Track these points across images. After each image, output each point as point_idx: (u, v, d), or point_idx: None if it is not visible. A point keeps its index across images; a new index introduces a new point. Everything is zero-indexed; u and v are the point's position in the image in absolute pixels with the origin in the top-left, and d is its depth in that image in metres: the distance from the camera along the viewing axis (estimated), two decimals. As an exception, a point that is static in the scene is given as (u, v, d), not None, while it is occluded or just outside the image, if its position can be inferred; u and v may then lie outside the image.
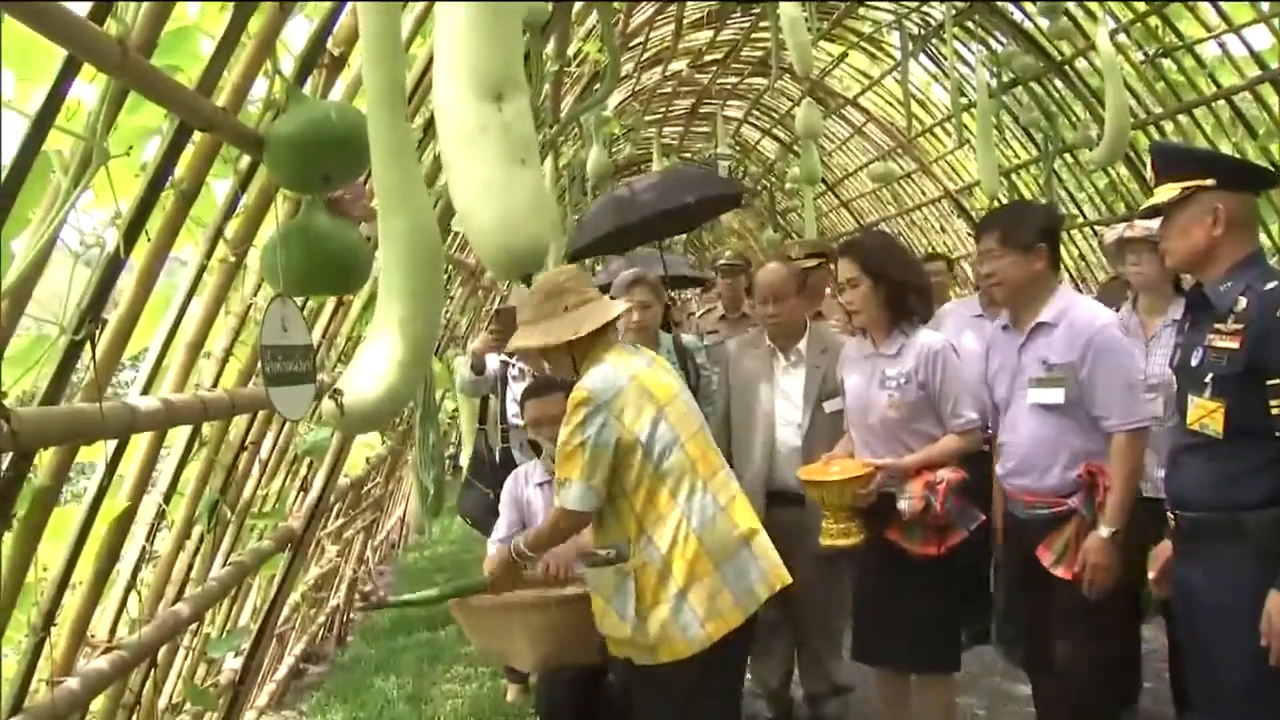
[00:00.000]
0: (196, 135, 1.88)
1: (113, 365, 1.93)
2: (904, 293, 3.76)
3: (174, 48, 1.91)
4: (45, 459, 1.85)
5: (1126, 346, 3.61)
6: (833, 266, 5.11)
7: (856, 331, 4.03)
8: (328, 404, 1.50)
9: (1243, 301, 2.83)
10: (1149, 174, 3.07)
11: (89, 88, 1.58)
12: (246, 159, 2.11)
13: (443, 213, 3.23)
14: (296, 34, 2.20)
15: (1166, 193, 3.00)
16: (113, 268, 1.72)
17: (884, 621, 3.81)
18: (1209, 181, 2.94)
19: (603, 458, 3.06)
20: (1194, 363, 2.94)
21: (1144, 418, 3.44)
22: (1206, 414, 2.86)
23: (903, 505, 3.59)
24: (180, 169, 1.91)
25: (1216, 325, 2.88)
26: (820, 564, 3.97)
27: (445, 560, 8.67)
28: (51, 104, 1.40)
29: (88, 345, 1.72)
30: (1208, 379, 2.87)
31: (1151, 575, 3.25)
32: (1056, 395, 3.47)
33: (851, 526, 3.73)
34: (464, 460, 6.02)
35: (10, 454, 1.59)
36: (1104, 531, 3.34)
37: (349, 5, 2.25)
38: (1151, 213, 3.22)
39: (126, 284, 1.97)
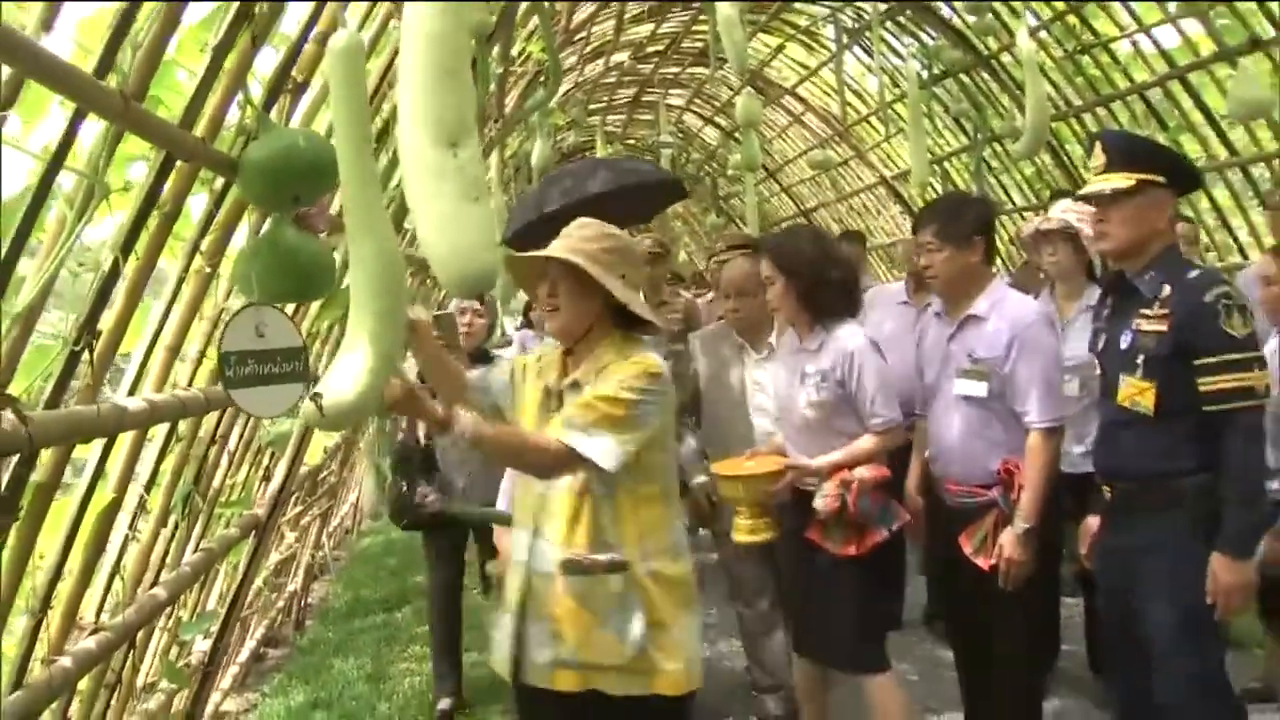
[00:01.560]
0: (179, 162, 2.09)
1: (105, 371, 2.13)
2: (820, 289, 3.65)
3: (156, 82, 2.11)
4: (45, 456, 2.05)
5: (1051, 346, 3.62)
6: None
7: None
8: (308, 406, 1.72)
9: (1167, 289, 3.01)
10: (1095, 160, 3.22)
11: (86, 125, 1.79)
12: (221, 180, 2.31)
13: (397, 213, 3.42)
14: (264, 63, 2.40)
15: (1119, 181, 3.09)
16: (107, 285, 1.93)
17: (808, 619, 3.82)
18: (1159, 178, 3.08)
19: (643, 437, 2.65)
20: (1123, 345, 3.11)
21: (1060, 417, 3.52)
22: (1138, 392, 3.04)
23: (818, 504, 3.55)
24: (165, 192, 2.11)
25: (1143, 310, 3.05)
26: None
27: (397, 544, 8.84)
28: (63, 146, 1.61)
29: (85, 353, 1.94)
30: (1139, 360, 3.04)
31: (1083, 550, 3.42)
32: (980, 388, 3.54)
33: (761, 523, 3.75)
34: None
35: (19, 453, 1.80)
36: (1019, 527, 3.41)
37: (310, 35, 2.46)
38: (1084, 196, 3.31)
39: (115, 295, 2.17)
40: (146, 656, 3.31)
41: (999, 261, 7.46)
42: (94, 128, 1.82)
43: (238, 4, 2.01)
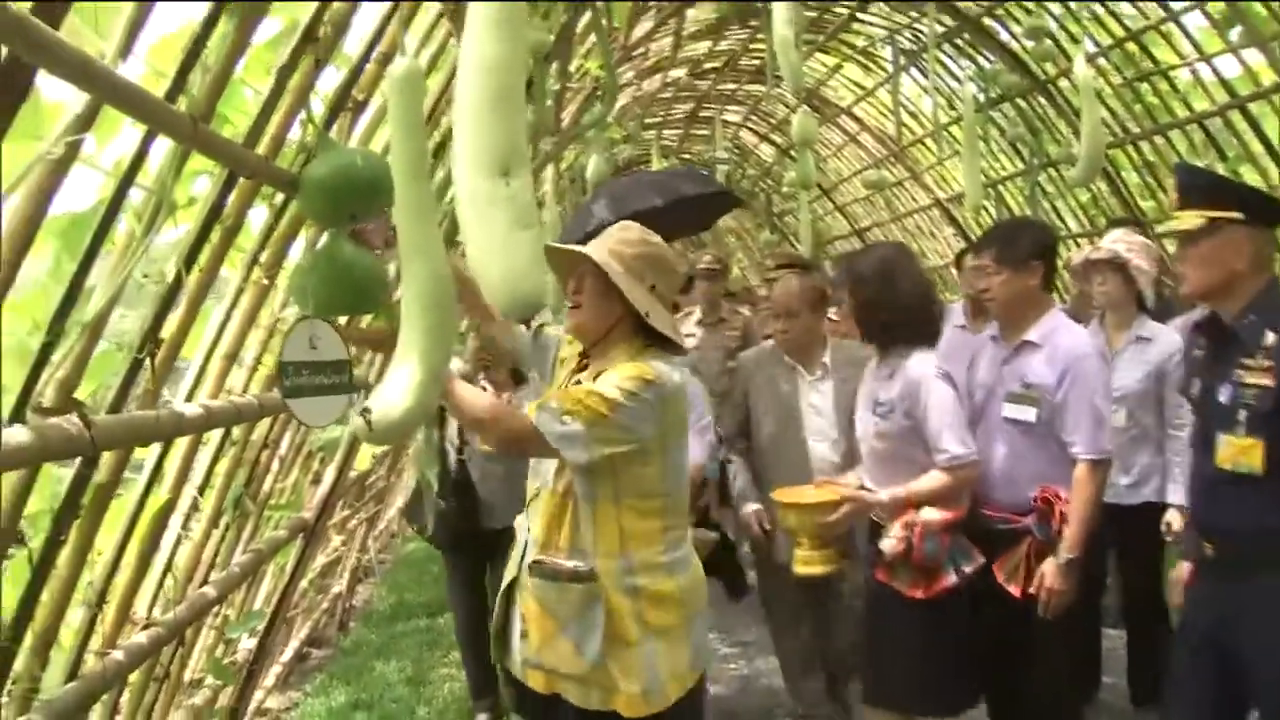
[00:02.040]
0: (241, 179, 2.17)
1: (165, 377, 2.21)
2: (894, 314, 3.52)
3: (223, 100, 2.19)
4: (106, 458, 2.13)
5: (1103, 379, 3.57)
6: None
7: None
8: (358, 420, 1.78)
9: (1271, 336, 2.77)
10: (1172, 195, 3.03)
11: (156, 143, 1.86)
12: (282, 194, 2.39)
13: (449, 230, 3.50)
14: (325, 82, 2.48)
15: (1191, 220, 2.91)
16: (170, 295, 2.01)
17: (877, 662, 3.63)
18: (1236, 215, 2.86)
19: (622, 440, 2.54)
20: (1222, 399, 2.85)
21: (1108, 451, 3.46)
22: (1240, 452, 2.79)
23: (884, 545, 3.44)
24: (227, 207, 2.19)
25: (1244, 360, 2.81)
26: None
27: (442, 550, 8.90)
28: (134, 164, 1.69)
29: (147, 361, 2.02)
30: (1240, 416, 2.79)
31: (1173, 600, 3.26)
32: (1029, 413, 3.49)
33: (817, 555, 3.62)
34: None
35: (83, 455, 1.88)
36: (1062, 557, 3.35)
37: (372, 56, 2.54)
38: (1178, 236, 3.06)
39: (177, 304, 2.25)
40: (194, 652, 3.40)
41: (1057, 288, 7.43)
42: (163, 145, 1.90)
43: (304, 26, 2.08)
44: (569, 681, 2.63)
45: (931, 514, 3.41)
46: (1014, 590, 3.45)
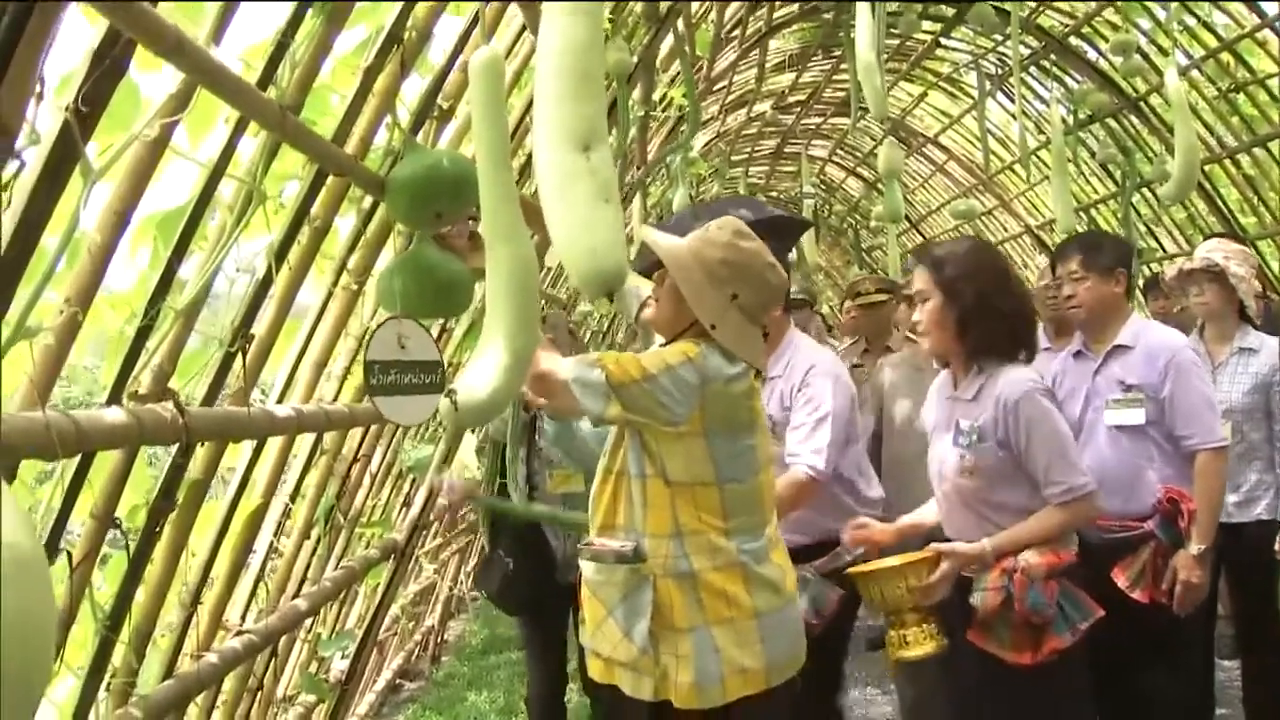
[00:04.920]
0: (329, 179, 2.21)
1: (257, 374, 2.25)
2: (985, 320, 2.91)
3: (310, 104, 2.24)
4: (199, 455, 2.17)
5: (1203, 371, 3.53)
6: (901, 303, 5.25)
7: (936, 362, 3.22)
8: (444, 402, 1.79)
9: None
10: None
11: (245, 141, 1.91)
12: (369, 199, 2.43)
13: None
14: (411, 89, 2.52)
15: None
16: (261, 290, 2.05)
17: None
18: None
19: (647, 410, 2.39)
20: None
21: (1224, 437, 3.40)
22: None
23: (975, 600, 2.83)
24: (316, 207, 2.23)
25: None
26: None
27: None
28: (224, 157, 1.72)
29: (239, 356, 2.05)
30: None
31: None
32: (1136, 415, 3.42)
33: (918, 632, 2.88)
34: None
35: (178, 445, 1.91)
36: (1194, 549, 3.26)
37: (457, 62, 2.58)
38: None
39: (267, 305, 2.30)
40: (287, 668, 3.43)
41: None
42: (252, 144, 1.95)
43: (389, 28, 2.12)
44: (622, 669, 2.51)
45: (1033, 557, 2.78)
46: (1140, 596, 3.28)
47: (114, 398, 1.73)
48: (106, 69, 1.33)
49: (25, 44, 0.99)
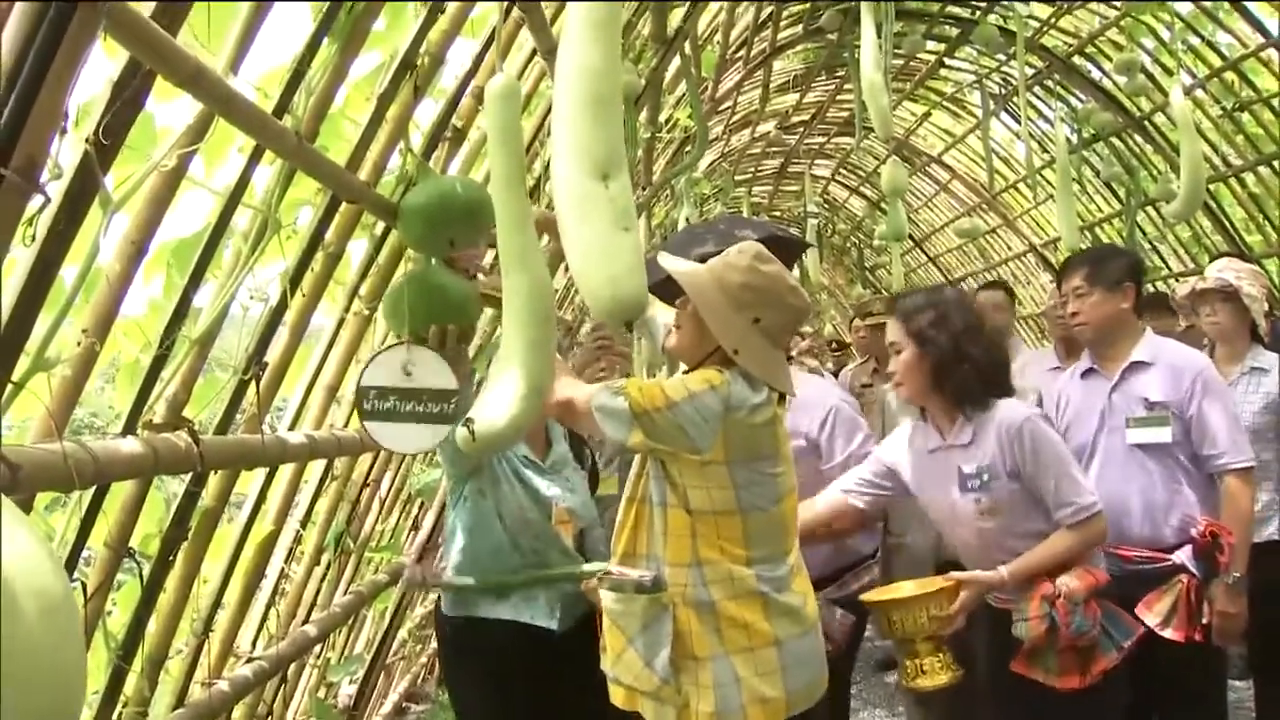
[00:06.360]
0: (342, 205, 2.20)
1: (270, 401, 2.24)
2: (959, 367, 2.91)
3: (324, 130, 2.24)
4: (211, 483, 2.16)
5: (1228, 389, 3.42)
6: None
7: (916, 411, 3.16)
8: (461, 431, 1.78)
9: None
10: None
11: (260, 170, 1.90)
12: (382, 225, 2.43)
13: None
14: (423, 116, 2.53)
15: None
16: (275, 317, 2.04)
17: None
18: None
19: (670, 439, 2.36)
20: None
21: (1253, 457, 3.27)
22: None
23: (1018, 631, 2.80)
24: (329, 234, 2.22)
25: None
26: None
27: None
28: (240, 186, 1.72)
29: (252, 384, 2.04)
30: None
31: None
32: (1162, 434, 3.27)
33: (934, 661, 2.87)
34: None
35: (191, 474, 1.90)
36: (1230, 577, 3.16)
37: (468, 89, 2.58)
38: None
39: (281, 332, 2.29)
40: (296, 693, 3.41)
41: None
42: (266, 173, 1.94)
43: (402, 54, 2.12)
44: (645, 698, 2.47)
45: (1072, 581, 2.77)
46: (1175, 635, 3.13)
47: (129, 427, 1.72)
48: (126, 100, 1.33)
49: (53, 78, 0.98)
